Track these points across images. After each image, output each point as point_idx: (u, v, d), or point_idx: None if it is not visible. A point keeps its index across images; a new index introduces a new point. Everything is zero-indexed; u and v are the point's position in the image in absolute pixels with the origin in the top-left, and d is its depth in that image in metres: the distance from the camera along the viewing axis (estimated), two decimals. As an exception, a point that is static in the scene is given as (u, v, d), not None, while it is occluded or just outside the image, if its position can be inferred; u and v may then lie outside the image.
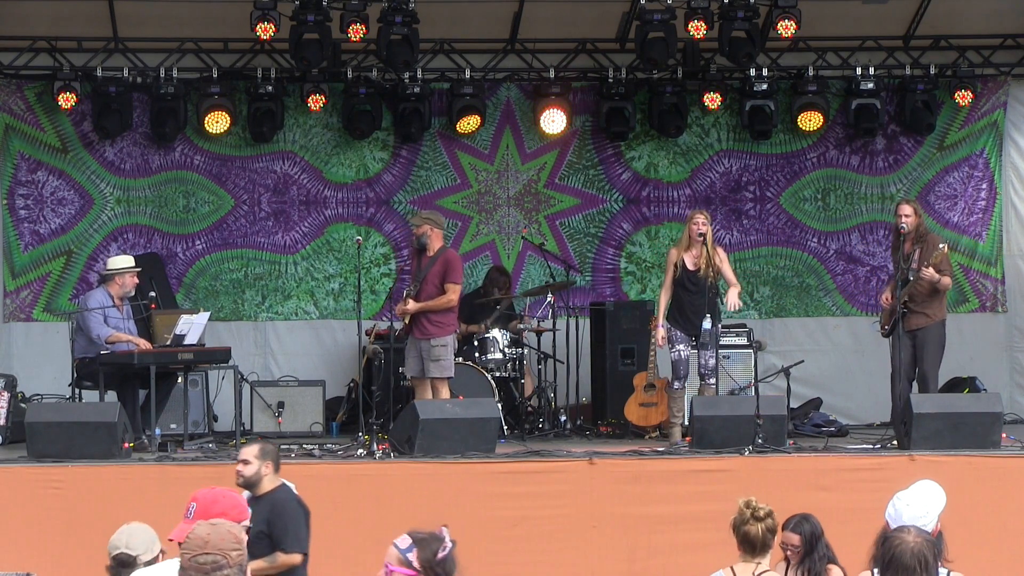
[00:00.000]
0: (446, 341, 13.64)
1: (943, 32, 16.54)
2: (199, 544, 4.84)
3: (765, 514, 6.99)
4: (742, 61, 15.67)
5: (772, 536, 7.03)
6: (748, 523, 6.98)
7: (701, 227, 13.73)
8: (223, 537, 4.86)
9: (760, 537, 6.96)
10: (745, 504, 7.03)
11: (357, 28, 14.70)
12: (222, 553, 4.82)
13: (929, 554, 5.74)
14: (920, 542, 5.78)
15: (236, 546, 4.86)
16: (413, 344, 13.66)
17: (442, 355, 13.59)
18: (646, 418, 14.86)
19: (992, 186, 16.84)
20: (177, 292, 16.24)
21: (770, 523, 7.01)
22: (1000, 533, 12.28)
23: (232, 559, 4.82)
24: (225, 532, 4.88)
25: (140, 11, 15.76)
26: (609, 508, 12.32)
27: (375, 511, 12.17)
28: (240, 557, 4.85)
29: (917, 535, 5.81)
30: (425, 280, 13.61)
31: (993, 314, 16.90)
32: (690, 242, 13.80)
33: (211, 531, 4.87)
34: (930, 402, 13.09)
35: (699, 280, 13.69)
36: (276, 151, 16.53)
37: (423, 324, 13.59)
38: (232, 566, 4.81)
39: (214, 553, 4.82)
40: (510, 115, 16.80)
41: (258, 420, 15.31)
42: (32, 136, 16.19)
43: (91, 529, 11.89)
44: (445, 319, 13.69)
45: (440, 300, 13.58)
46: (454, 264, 13.72)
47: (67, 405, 13.69)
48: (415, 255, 13.90)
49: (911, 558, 5.73)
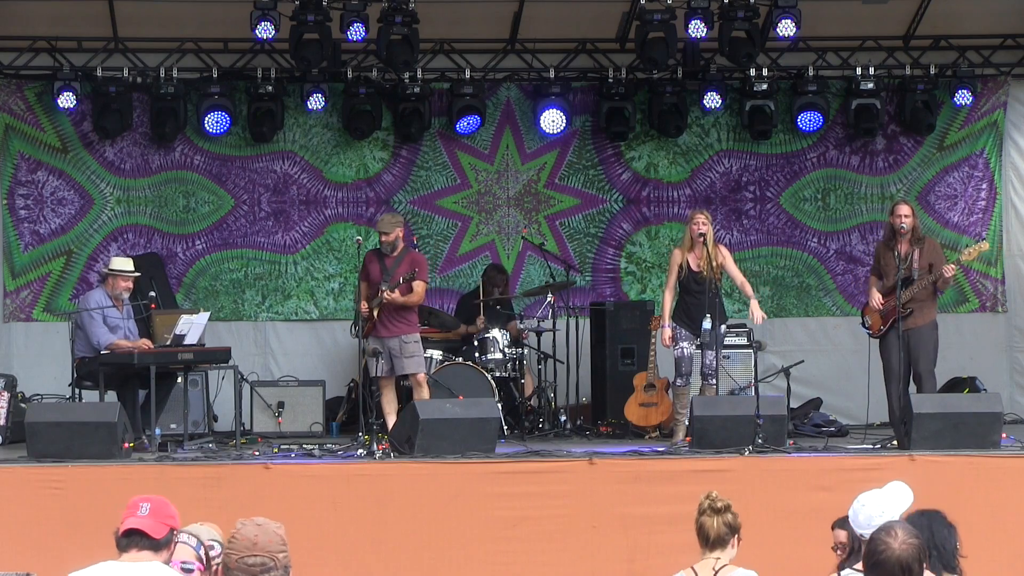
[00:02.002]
0: (417, 337, 13.90)
1: (943, 32, 16.54)
2: (247, 545, 4.82)
3: (723, 507, 6.95)
4: (742, 61, 15.67)
5: (730, 531, 6.95)
6: (704, 514, 6.95)
7: (701, 227, 13.74)
8: (271, 539, 4.84)
9: (715, 530, 6.91)
10: (705, 496, 7.00)
11: (357, 28, 14.71)
12: (270, 555, 4.81)
13: (914, 561, 5.63)
14: (906, 548, 5.66)
15: (282, 548, 4.85)
16: (379, 343, 13.74)
17: (416, 351, 13.82)
18: (646, 418, 14.86)
19: (992, 186, 16.84)
20: (177, 292, 16.24)
21: (729, 518, 6.95)
22: (1000, 533, 12.27)
23: (279, 561, 4.81)
24: (272, 533, 4.86)
25: (140, 11, 15.76)
26: (609, 508, 12.32)
27: (375, 511, 12.17)
28: (286, 559, 4.83)
29: (904, 540, 5.70)
30: (395, 279, 13.68)
31: (993, 314, 16.90)
32: (692, 242, 13.81)
33: (258, 532, 4.85)
34: (930, 402, 13.09)
35: (702, 280, 13.72)
36: (276, 151, 16.53)
37: (392, 323, 13.75)
38: (279, 568, 4.81)
39: (262, 555, 4.81)
40: (510, 115, 16.79)
41: (258, 420, 15.31)
42: (32, 136, 16.19)
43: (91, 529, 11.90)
44: (413, 316, 13.96)
45: (412, 296, 13.75)
46: (422, 264, 13.96)
47: (67, 405, 13.68)
48: (377, 259, 13.93)
49: (894, 565, 5.63)
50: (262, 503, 11.83)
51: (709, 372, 13.80)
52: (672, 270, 13.89)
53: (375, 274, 13.86)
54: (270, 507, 11.70)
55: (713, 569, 6.89)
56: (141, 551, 5.52)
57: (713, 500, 6.97)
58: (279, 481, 12.24)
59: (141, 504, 5.63)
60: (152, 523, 5.56)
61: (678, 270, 13.80)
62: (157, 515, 5.58)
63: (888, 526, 5.76)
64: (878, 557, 5.63)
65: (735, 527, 6.99)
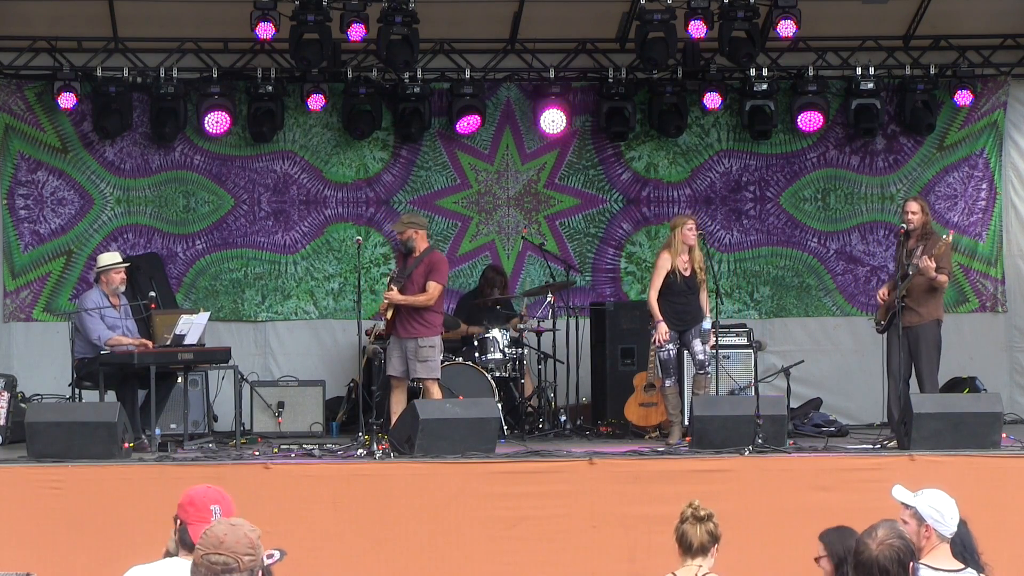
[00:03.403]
0: (434, 342, 13.67)
1: (943, 32, 16.54)
2: (214, 543, 4.79)
3: (706, 516, 6.98)
4: (742, 61, 15.67)
5: (712, 540, 6.98)
6: (687, 522, 6.98)
7: (693, 237, 13.90)
8: (239, 540, 4.80)
9: (699, 538, 6.95)
10: (688, 505, 7.04)
11: (357, 28, 14.71)
12: (234, 556, 4.77)
13: (891, 563, 5.59)
14: (883, 549, 5.62)
15: (250, 551, 4.80)
16: (397, 343, 13.70)
17: (430, 355, 13.62)
18: (646, 418, 14.86)
19: (992, 186, 16.85)
20: (177, 292, 16.24)
21: (711, 527, 6.97)
22: (1000, 533, 12.24)
23: (243, 563, 4.77)
24: (242, 535, 4.82)
25: (140, 11, 15.77)
26: (609, 508, 12.32)
27: (375, 511, 12.17)
28: (252, 563, 4.79)
29: (883, 540, 5.65)
30: (409, 279, 13.65)
31: (993, 314, 16.90)
32: (682, 247, 13.91)
33: (228, 532, 4.82)
34: (930, 402, 13.10)
35: (692, 283, 13.90)
36: (276, 151, 16.53)
37: (410, 323, 13.63)
38: (243, 570, 4.77)
39: (226, 555, 4.77)
40: (510, 115, 16.80)
41: (258, 420, 15.31)
42: (32, 136, 16.19)
43: (91, 529, 11.92)
44: (433, 319, 13.72)
45: (420, 297, 13.60)
46: (439, 265, 13.75)
47: (67, 405, 13.69)
48: (401, 258, 13.95)
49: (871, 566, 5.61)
50: (262, 503, 11.82)
51: (703, 360, 13.83)
52: (660, 273, 13.93)
53: (397, 273, 13.88)
54: (270, 507, 11.71)
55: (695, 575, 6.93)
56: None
57: (696, 509, 7.01)
58: (279, 481, 12.23)
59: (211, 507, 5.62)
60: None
61: (666, 274, 13.88)
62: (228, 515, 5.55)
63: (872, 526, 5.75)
64: (859, 558, 5.64)
65: (717, 536, 7.03)
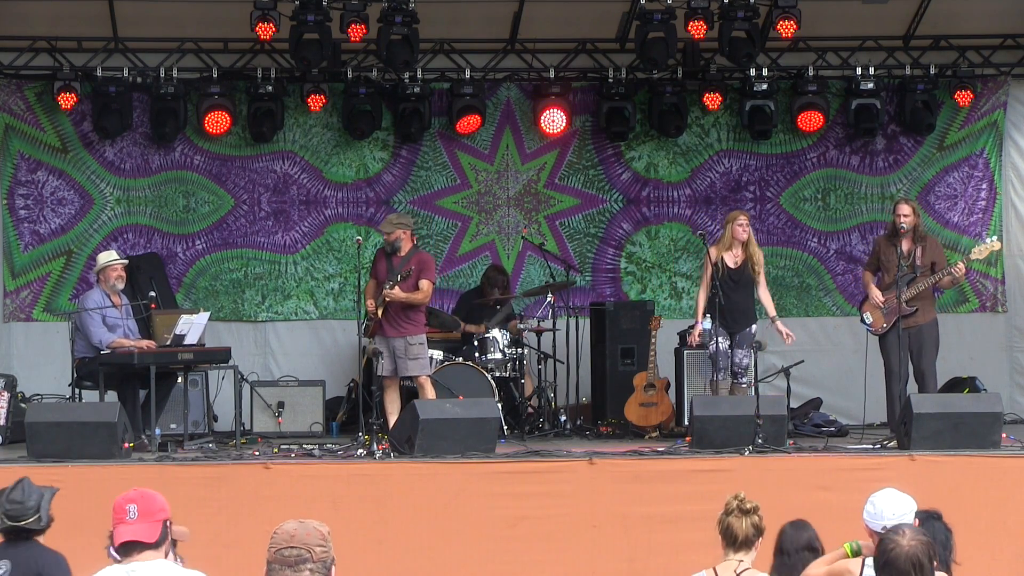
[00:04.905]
0: (423, 339, 13.82)
1: (943, 32, 16.54)
2: (285, 538, 4.94)
3: (752, 508, 6.83)
4: (742, 61, 15.67)
5: (757, 533, 6.83)
6: (733, 515, 6.83)
7: (745, 232, 13.92)
8: (309, 532, 4.96)
9: (743, 531, 6.80)
10: (734, 496, 6.89)
11: (357, 28, 14.71)
12: (307, 547, 4.92)
13: (924, 557, 5.69)
14: (915, 545, 5.73)
15: (321, 543, 4.96)
16: (384, 343, 13.72)
17: (420, 353, 13.76)
18: (646, 418, 14.86)
19: (992, 186, 16.84)
20: (177, 292, 16.24)
21: (756, 520, 6.83)
22: (1000, 533, 12.28)
23: (316, 554, 4.92)
24: (312, 528, 4.98)
25: (140, 11, 15.76)
26: (609, 508, 12.32)
27: (375, 511, 12.17)
28: (324, 554, 4.94)
29: (912, 537, 5.75)
30: (402, 279, 13.65)
31: (993, 314, 16.90)
32: (732, 241, 13.90)
33: (298, 527, 4.97)
34: (930, 402, 13.10)
35: (741, 277, 13.89)
36: (276, 151, 16.53)
37: (398, 322, 13.70)
38: (316, 561, 4.91)
39: (299, 547, 4.91)
40: (510, 115, 16.80)
41: (258, 420, 15.31)
42: (32, 136, 16.19)
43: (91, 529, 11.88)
44: (419, 317, 13.89)
45: (417, 294, 13.66)
46: (428, 263, 13.88)
47: (67, 405, 13.69)
48: (384, 258, 13.93)
49: (905, 562, 5.69)
50: (262, 503, 11.83)
51: (739, 371, 13.86)
52: (705, 269, 13.95)
53: (381, 273, 13.86)
54: (270, 507, 11.71)
55: (735, 572, 6.79)
56: (142, 553, 5.54)
57: (742, 501, 6.85)
58: (279, 481, 12.23)
59: (127, 507, 5.62)
60: (144, 528, 5.57)
61: (713, 268, 13.85)
62: (147, 516, 5.58)
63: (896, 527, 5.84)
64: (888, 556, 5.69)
65: (761, 529, 6.89)
